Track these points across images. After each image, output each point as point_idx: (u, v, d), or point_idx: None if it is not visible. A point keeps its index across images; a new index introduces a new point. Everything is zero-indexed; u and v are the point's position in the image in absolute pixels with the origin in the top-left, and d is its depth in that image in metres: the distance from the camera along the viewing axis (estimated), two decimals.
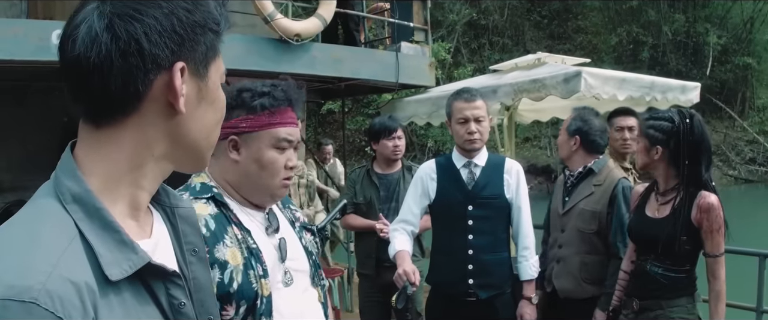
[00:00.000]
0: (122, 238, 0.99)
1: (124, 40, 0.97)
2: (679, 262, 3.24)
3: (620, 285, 3.57)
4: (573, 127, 3.94)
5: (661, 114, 3.38)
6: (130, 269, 0.99)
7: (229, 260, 1.84)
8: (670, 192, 3.28)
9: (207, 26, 1.07)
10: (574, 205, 3.90)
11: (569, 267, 3.87)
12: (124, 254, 0.99)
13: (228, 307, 1.82)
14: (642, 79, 6.69)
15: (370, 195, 4.99)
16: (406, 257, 3.54)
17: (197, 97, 1.08)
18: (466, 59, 31.42)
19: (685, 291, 3.28)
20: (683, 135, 3.19)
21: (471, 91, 3.77)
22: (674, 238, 3.17)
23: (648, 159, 3.33)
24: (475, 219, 3.69)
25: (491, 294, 3.70)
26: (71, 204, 0.98)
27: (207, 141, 1.14)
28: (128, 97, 1.00)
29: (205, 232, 1.80)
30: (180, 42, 1.02)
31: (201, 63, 1.07)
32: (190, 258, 1.20)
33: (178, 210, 1.21)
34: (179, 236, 1.20)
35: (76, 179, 1.00)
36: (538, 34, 34.18)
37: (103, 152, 1.03)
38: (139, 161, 1.05)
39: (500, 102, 6.60)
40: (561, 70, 6.23)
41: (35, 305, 0.83)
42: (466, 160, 3.76)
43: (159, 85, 1.02)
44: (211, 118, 1.14)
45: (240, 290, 1.84)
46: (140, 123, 1.03)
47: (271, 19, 6.42)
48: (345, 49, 7.65)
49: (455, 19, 31.35)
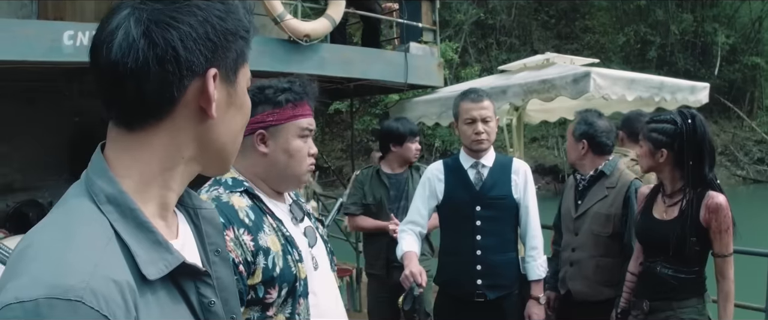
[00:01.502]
0: (157, 238, 1.02)
1: (161, 46, 0.99)
2: (689, 263, 3.25)
3: (628, 287, 3.57)
4: (579, 131, 3.95)
5: (662, 116, 3.38)
6: (165, 268, 1.01)
7: (271, 246, 1.95)
8: (677, 194, 3.28)
9: (238, 33, 1.09)
10: (588, 209, 3.90)
11: (584, 270, 3.88)
12: (160, 254, 1.01)
13: (271, 290, 1.93)
14: (651, 79, 6.68)
15: (380, 195, 5.02)
16: (414, 258, 3.55)
17: (226, 102, 1.11)
18: (473, 59, 31.35)
19: (695, 291, 3.29)
20: (687, 136, 3.20)
21: (478, 92, 3.78)
22: (684, 240, 3.17)
23: (653, 162, 3.33)
24: (483, 219, 3.70)
25: (499, 295, 3.72)
26: (106, 205, 1.00)
27: (233, 144, 1.17)
28: (163, 102, 1.03)
29: (247, 222, 1.92)
30: (213, 49, 1.05)
31: (231, 69, 1.10)
32: (214, 258, 1.22)
33: (201, 212, 1.24)
34: (203, 237, 1.22)
35: (109, 180, 1.02)
36: (546, 33, 34.09)
37: (136, 154, 1.05)
38: (170, 164, 1.08)
39: (509, 102, 6.61)
40: (570, 70, 6.23)
41: (81, 303, 0.85)
42: (474, 160, 3.77)
43: (192, 90, 1.04)
44: (239, 122, 1.16)
45: (281, 274, 1.95)
46: (172, 127, 1.06)
47: (281, 19, 6.44)
48: (354, 49, 7.66)
49: (462, 19, 31.28)
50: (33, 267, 0.89)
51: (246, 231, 1.91)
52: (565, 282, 3.97)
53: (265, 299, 1.92)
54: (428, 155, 25.80)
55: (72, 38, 5.53)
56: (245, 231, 1.91)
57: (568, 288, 3.95)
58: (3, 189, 7.07)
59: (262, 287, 1.91)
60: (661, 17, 32.51)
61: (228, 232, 1.84)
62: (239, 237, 1.88)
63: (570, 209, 4.02)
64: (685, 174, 3.22)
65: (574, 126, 4.00)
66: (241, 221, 1.92)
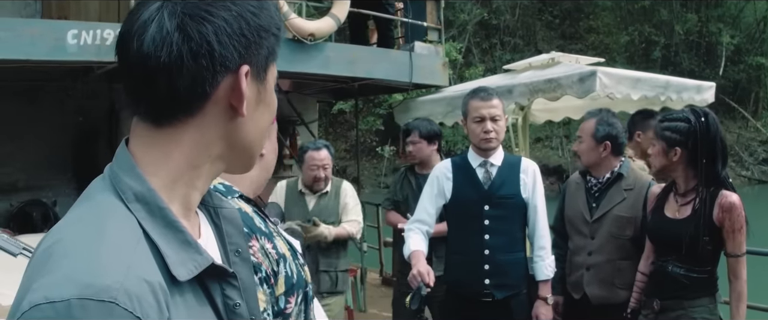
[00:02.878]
0: (186, 238, 0.99)
1: (196, 40, 0.97)
2: (701, 263, 3.22)
3: (638, 287, 3.54)
4: (602, 133, 3.83)
5: (675, 115, 3.35)
6: (195, 270, 0.98)
7: (285, 252, 1.86)
8: (690, 193, 3.25)
9: (270, 30, 1.06)
10: (606, 212, 3.82)
11: (602, 274, 3.81)
12: (189, 254, 0.98)
13: (291, 299, 1.84)
14: (657, 78, 6.65)
15: (407, 193, 5.12)
16: (421, 257, 3.53)
17: (256, 100, 1.08)
18: (477, 59, 31.33)
19: (706, 291, 3.26)
20: (700, 134, 3.17)
21: (488, 90, 3.76)
22: (697, 239, 3.14)
23: (666, 161, 3.29)
24: (492, 218, 3.67)
25: (507, 295, 3.69)
26: (134, 203, 0.97)
27: (260, 143, 1.14)
28: (195, 98, 1.00)
29: (264, 230, 1.83)
30: (247, 45, 1.02)
31: (262, 66, 1.07)
32: (234, 259, 1.18)
33: (222, 211, 1.20)
34: (223, 237, 1.18)
35: (137, 178, 0.99)
36: (550, 33, 34.05)
37: (164, 151, 1.02)
38: (197, 162, 1.05)
39: (515, 102, 6.58)
40: (576, 69, 6.20)
41: (115, 305, 0.82)
42: (482, 159, 3.74)
43: (224, 87, 1.01)
44: (267, 120, 1.14)
45: (298, 280, 1.88)
46: (202, 124, 1.03)
47: (285, 18, 6.39)
48: (359, 48, 7.63)
49: (466, 19, 31.26)
50: (64, 265, 0.85)
51: (266, 238, 1.82)
52: (580, 286, 3.89)
53: (286, 310, 1.81)
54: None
55: (76, 37, 5.51)
56: (265, 238, 1.81)
57: (584, 292, 3.87)
58: (7, 189, 7.05)
59: (284, 297, 1.81)
60: (665, 17, 32.44)
61: (253, 243, 1.75)
62: (264, 247, 1.79)
63: (582, 212, 3.92)
64: (699, 173, 3.19)
65: (594, 127, 3.87)
66: (259, 228, 1.82)
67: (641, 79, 6.33)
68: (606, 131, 3.84)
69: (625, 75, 6.31)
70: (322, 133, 27.31)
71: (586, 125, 3.96)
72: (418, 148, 5.07)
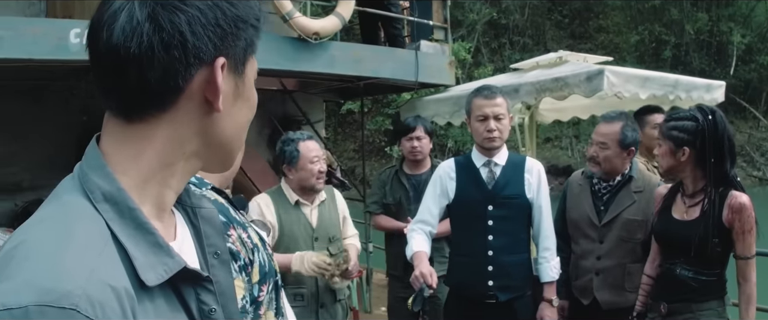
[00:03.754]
0: (157, 241, 0.95)
1: (168, 31, 0.92)
2: (710, 265, 3.15)
3: (644, 289, 3.48)
4: (630, 139, 3.69)
5: (682, 114, 3.27)
6: (166, 274, 0.94)
7: (257, 243, 1.91)
8: (699, 194, 3.18)
9: (248, 21, 1.02)
10: (616, 216, 3.74)
11: (613, 279, 3.74)
12: (159, 258, 0.94)
13: (263, 287, 1.90)
14: (666, 77, 6.56)
15: (399, 196, 4.95)
16: (424, 258, 3.48)
17: (234, 95, 1.04)
18: (486, 59, 31.33)
19: (715, 294, 3.19)
20: (708, 133, 3.10)
21: (491, 88, 3.69)
22: (706, 241, 3.07)
23: (674, 161, 3.21)
24: (495, 219, 3.62)
25: (511, 296, 3.63)
26: (102, 204, 0.92)
27: (239, 140, 1.10)
28: (167, 91, 0.95)
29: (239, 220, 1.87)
30: (223, 36, 0.98)
31: (240, 59, 1.03)
32: (213, 261, 1.14)
33: (200, 211, 1.16)
34: (201, 238, 1.14)
35: (106, 177, 0.95)
36: (559, 33, 34.00)
37: (135, 149, 0.98)
38: (170, 159, 1.00)
39: (522, 101, 6.52)
40: (583, 68, 6.13)
41: (75, 312, 0.78)
42: (486, 158, 3.68)
43: (198, 80, 0.97)
44: (245, 116, 1.09)
45: (269, 269, 1.94)
46: (175, 119, 0.98)
47: (290, 17, 6.35)
48: (364, 47, 7.58)
49: (475, 19, 31.26)
50: (25, 269, 0.81)
51: (241, 228, 1.86)
52: (589, 291, 3.82)
53: (259, 297, 1.87)
54: (442, 155, 25.75)
55: (79, 36, 5.47)
56: (241, 228, 1.86)
57: (593, 297, 3.80)
58: (11, 189, 7.02)
59: (257, 285, 1.87)
60: (675, 16, 32.34)
61: (232, 231, 1.78)
62: (241, 236, 1.83)
63: (590, 216, 3.83)
64: (707, 173, 3.12)
65: (620, 133, 3.69)
66: (235, 218, 1.87)
67: (650, 77, 6.24)
68: (633, 137, 3.71)
69: (634, 74, 6.23)
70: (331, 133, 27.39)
71: (608, 130, 3.76)
72: (424, 144, 4.94)
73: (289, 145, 3.75)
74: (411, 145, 4.91)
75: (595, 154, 3.79)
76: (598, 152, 3.77)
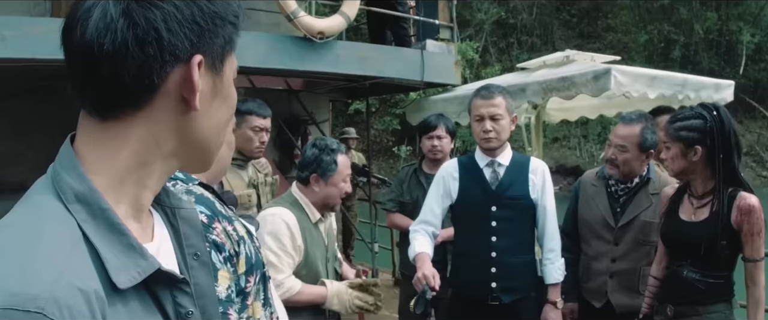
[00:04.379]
0: (130, 242, 0.92)
1: (142, 27, 0.90)
2: (718, 267, 3.09)
3: (650, 291, 3.42)
4: (650, 142, 3.60)
5: (686, 114, 3.19)
6: (139, 276, 0.91)
7: (244, 235, 1.93)
8: (708, 195, 3.12)
9: (227, 18, 1.01)
10: (633, 218, 3.67)
11: (628, 282, 3.68)
12: (133, 259, 0.91)
13: (250, 278, 1.92)
14: (674, 76, 6.50)
15: (417, 195, 4.85)
16: (427, 259, 3.43)
17: (211, 93, 1.02)
18: (494, 58, 31.30)
19: (722, 296, 3.14)
20: (717, 129, 3.04)
21: (490, 88, 3.64)
22: (715, 243, 3.02)
23: (686, 163, 3.13)
24: (499, 220, 3.57)
25: (514, 298, 3.58)
26: (74, 204, 0.90)
27: (217, 139, 1.08)
28: (141, 89, 0.93)
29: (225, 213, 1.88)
30: (200, 33, 0.96)
31: (218, 57, 1.01)
32: (192, 263, 1.12)
33: (180, 212, 1.13)
34: (180, 239, 1.12)
35: (79, 176, 0.92)
36: (568, 33, 33.92)
37: (109, 148, 0.95)
38: (146, 159, 0.98)
39: (529, 101, 6.47)
40: (590, 67, 6.07)
41: (42, 315, 0.76)
42: (490, 159, 3.63)
43: (174, 78, 0.95)
44: (224, 115, 1.07)
45: (256, 261, 1.95)
46: (150, 118, 0.96)
47: (294, 16, 6.34)
48: (370, 47, 7.56)
49: (483, 19, 31.23)
50: None
51: (227, 221, 1.87)
52: (602, 294, 3.76)
53: (246, 288, 1.89)
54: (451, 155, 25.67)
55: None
56: (226, 221, 1.87)
57: (606, 300, 3.74)
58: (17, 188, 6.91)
59: (244, 276, 1.89)
60: (684, 16, 32.22)
61: (216, 224, 1.80)
62: (226, 229, 1.84)
63: (605, 217, 3.76)
64: (717, 171, 3.06)
65: (640, 135, 3.59)
66: (220, 212, 1.88)
67: (658, 76, 6.18)
68: (653, 140, 3.62)
69: (641, 73, 6.17)
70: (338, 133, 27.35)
71: (628, 132, 3.64)
72: (444, 144, 4.89)
73: (329, 155, 3.21)
74: (431, 143, 4.87)
75: (613, 157, 3.69)
76: (616, 155, 3.67)
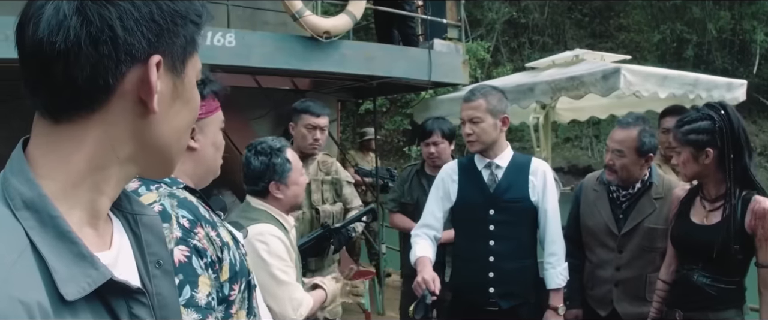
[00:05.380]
0: (80, 251, 0.87)
1: (97, 25, 0.87)
2: (730, 272, 3.01)
3: (659, 296, 3.33)
4: (648, 146, 3.48)
5: (693, 116, 3.08)
6: (88, 287, 0.86)
7: (228, 241, 1.88)
8: (721, 198, 3.02)
9: (188, 17, 0.97)
10: (637, 225, 3.56)
11: (634, 289, 3.58)
12: (83, 269, 0.86)
13: (235, 286, 1.86)
14: (685, 75, 6.40)
15: (418, 196, 4.86)
16: (427, 264, 3.36)
17: (172, 96, 0.99)
18: (505, 58, 31.22)
19: (733, 302, 3.06)
20: (726, 128, 2.95)
21: (473, 91, 3.58)
22: (727, 247, 2.92)
23: (698, 167, 3.03)
24: (497, 224, 3.49)
25: (513, 304, 3.50)
26: (22, 211, 0.85)
27: (178, 144, 1.05)
28: (95, 90, 0.89)
29: (208, 218, 1.84)
30: (158, 32, 0.92)
31: (178, 57, 0.98)
32: (154, 272, 1.08)
33: (142, 218, 1.09)
34: (142, 247, 1.07)
35: (28, 182, 0.88)
36: (580, 32, 33.80)
37: (62, 151, 0.91)
38: (102, 163, 0.94)
39: (537, 100, 6.40)
40: (599, 66, 5.99)
41: None
42: (487, 160, 3.56)
43: (131, 79, 0.91)
44: (185, 118, 1.04)
45: (241, 268, 1.89)
46: (106, 120, 0.92)
47: (299, 16, 6.28)
48: (376, 46, 7.50)
49: (494, 18, 31.15)
50: None
51: (210, 226, 1.82)
52: (608, 302, 3.65)
53: (229, 297, 1.83)
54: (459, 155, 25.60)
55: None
56: (209, 226, 1.82)
57: (612, 308, 3.63)
58: None
59: (228, 284, 1.83)
60: (697, 15, 32.00)
61: (199, 229, 1.75)
62: (209, 234, 1.79)
63: (607, 224, 3.64)
64: (728, 172, 2.96)
65: (637, 139, 3.47)
66: (203, 216, 1.82)
67: (669, 76, 6.09)
68: (651, 143, 3.50)
69: (652, 72, 6.07)
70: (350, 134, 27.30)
71: (624, 136, 3.53)
72: (441, 150, 4.85)
73: (279, 156, 2.94)
74: (428, 151, 4.86)
75: (611, 162, 3.58)
76: (614, 160, 3.55)
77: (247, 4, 7.21)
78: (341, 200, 4.49)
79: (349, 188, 4.52)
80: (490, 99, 3.49)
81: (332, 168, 4.46)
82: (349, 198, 4.50)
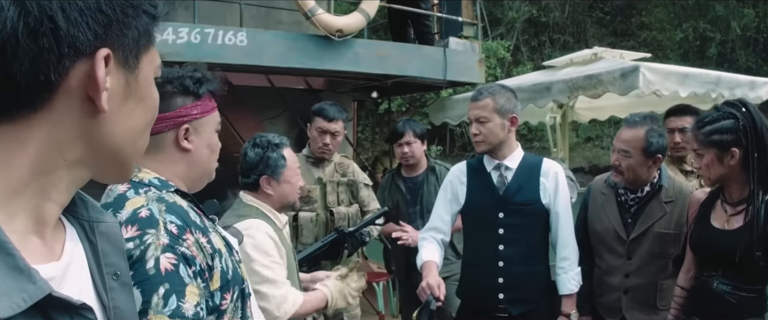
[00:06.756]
0: (16, 263, 0.79)
1: (35, 16, 0.79)
2: (751, 280, 2.87)
3: (676, 303, 3.20)
4: (655, 147, 3.33)
5: (714, 116, 2.93)
6: (24, 303, 0.78)
7: (220, 248, 1.81)
8: (744, 201, 2.88)
9: (141, 7, 0.90)
10: (646, 230, 3.42)
11: (644, 297, 3.45)
12: (18, 283, 0.79)
13: (227, 295, 1.79)
14: (707, 74, 6.25)
15: (397, 199, 4.93)
16: (433, 268, 3.26)
17: (124, 93, 0.91)
18: (525, 57, 31.02)
19: (754, 311, 2.92)
20: (749, 127, 2.81)
21: (481, 90, 3.48)
22: (750, 252, 2.79)
23: (724, 169, 2.89)
24: (507, 227, 3.37)
25: (523, 310, 3.39)
26: None
27: (133, 146, 0.97)
28: (36, 87, 0.82)
29: (199, 223, 1.77)
30: (106, 23, 0.85)
31: (131, 51, 0.90)
32: (111, 284, 1.00)
33: (99, 226, 1.01)
34: (99, 257, 0.99)
35: None
36: (601, 30, 33.51)
37: (2, 154, 0.84)
38: (47, 167, 0.86)
39: (554, 100, 6.28)
40: (617, 65, 5.88)
41: None
42: (497, 162, 3.44)
43: (76, 74, 0.84)
44: (140, 118, 0.97)
45: (234, 276, 1.83)
46: (50, 120, 0.85)
47: (312, 14, 6.23)
48: (390, 45, 7.44)
49: (515, 17, 30.98)
50: None
51: (200, 232, 1.74)
52: (617, 310, 3.52)
53: (221, 306, 1.75)
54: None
55: None
56: (200, 232, 1.73)
57: (622, 316, 3.51)
58: None
59: (219, 293, 1.75)
60: (721, 12, 31.63)
61: (188, 236, 1.68)
62: (199, 241, 1.71)
63: (616, 229, 3.51)
64: (752, 173, 2.82)
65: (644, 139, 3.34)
66: (194, 222, 1.74)
67: (689, 74, 5.95)
68: (659, 144, 3.35)
69: (672, 70, 5.94)
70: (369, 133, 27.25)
71: (631, 136, 3.40)
72: (414, 149, 4.86)
73: (275, 151, 2.94)
74: (401, 150, 4.89)
75: (617, 163, 3.45)
76: (620, 160, 3.42)
77: (260, 3, 7.16)
78: (358, 202, 4.48)
79: (366, 190, 4.51)
80: (498, 98, 3.37)
81: (349, 170, 4.45)
82: (365, 201, 4.49)
